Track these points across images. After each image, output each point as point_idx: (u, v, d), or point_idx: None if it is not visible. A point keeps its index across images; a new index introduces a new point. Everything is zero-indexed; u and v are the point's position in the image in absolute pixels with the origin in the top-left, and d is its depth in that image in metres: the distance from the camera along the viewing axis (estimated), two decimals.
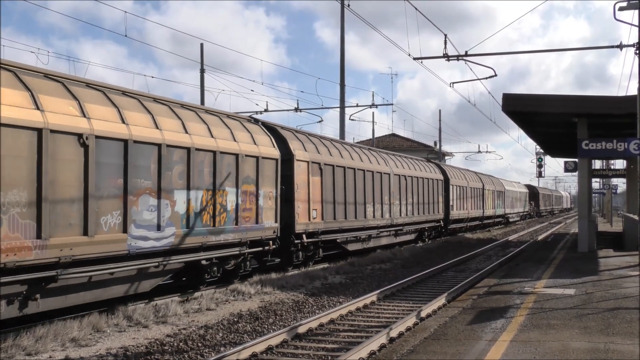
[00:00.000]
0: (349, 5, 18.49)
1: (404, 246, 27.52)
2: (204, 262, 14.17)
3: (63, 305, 10.95)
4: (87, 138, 10.91)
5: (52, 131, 10.30)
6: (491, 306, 11.19)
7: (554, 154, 42.84)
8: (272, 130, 18.35)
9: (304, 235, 18.78)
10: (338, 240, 21.43)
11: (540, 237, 36.83)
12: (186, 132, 13.56)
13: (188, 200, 13.47)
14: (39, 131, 10.09)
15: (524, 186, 74.42)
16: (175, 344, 9.55)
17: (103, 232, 11.30)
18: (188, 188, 13.47)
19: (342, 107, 31.16)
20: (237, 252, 15.46)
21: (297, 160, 18.56)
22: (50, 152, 10.27)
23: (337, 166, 21.19)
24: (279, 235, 17.28)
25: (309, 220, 19.10)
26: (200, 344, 9.60)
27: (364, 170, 23.43)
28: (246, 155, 15.62)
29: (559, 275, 15.29)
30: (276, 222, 17.14)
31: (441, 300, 12.98)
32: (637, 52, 17.49)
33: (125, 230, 11.75)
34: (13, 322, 10.52)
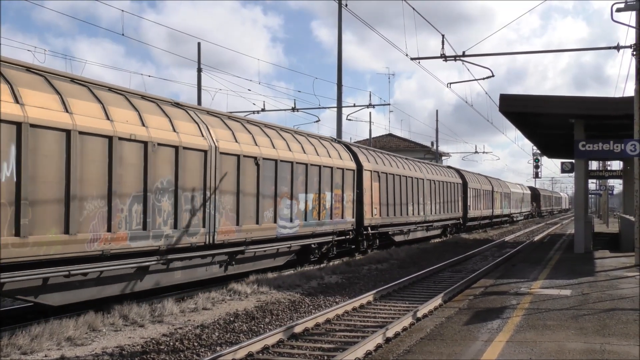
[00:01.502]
0: (346, 5, 18.47)
1: (431, 240, 33.32)
2: (313, 245, 19.81)
3: (240, 270, 16.07)
4: (258, 159, 16.34)
5: (244, 156, 15.72)
6: (487, 307, 11.19)
7: (551, 154, 42.89)
8: (347, 146, 23.87)
9: (369, 228, 23.94)
10: (389, 233, 26.77)
11: (536, 238, 36.89)
12: (304, 152, 19.02)
13: (306, 201, 18.93)
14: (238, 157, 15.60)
15: (527, 188, 78.92)
16: (171, 344, 9.54)
17: (264, 222, 16.59)
18: (306, 192, 18.96)
19: (339, 107, 31.16)
20: (331, 239, 21.00)
21: (365, 170, 23.60)
22: (241, 169, 15.53)
23: (389, 174, 26.35)
24: (354, 227, 22.60)
25: (372, 216, 24.16)
26: (196, 344, 9.59)
27: (406, 177, 28.74)
28: (337, 168, 21.12)
29: (556, 276, 15.31)
30: (353, 217, 22.55)
31: (437, 301, 12.99)
32: (634, 53, 17.52)
33: (275, 221, 17.14)
34: (9, 321, 10.50)
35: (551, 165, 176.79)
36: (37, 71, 11.00)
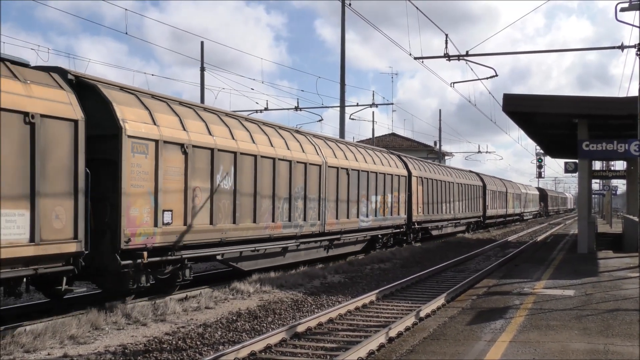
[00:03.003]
0: (350, 4, 18.47)
1: (457, 234, 37.88)
2: (379, 235, 25.13)
3: (335, 253, 21.18)
4: (349, 170, 21.68)
5: (341, 168, 21.26)
6: (490, 307, 11.18)
7: (554, 154, 42.79)
8: (399, 156, 29.23)
9: (415, 223, 29.17)
10: (429, 227, 31.61)
11: (539, 238, 36.82)
12: (374, 163, 24.39)
13: (375, 201, 24.14)
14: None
15: (536, 189, 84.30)
16: (174, 342, 9.54)
17: (352, 217, 21.92)
18: (376, 194, 24.17)
19: (342, 106, 31.15)
20: (390, 231, 26.38)
21: (413, 176, 28.96)
22: (339, 178, 20.95)
23: (429, 179, 31.40)
24: (406, 223, 27.84)
25: (417, 214, 29.39)
26: (199, 342, 9.59)
27: (441, 181, 33.62)
28: (395, 175, 26.44)
29: (559, 276, 15.28)
30: (405, 214, 27.75)
31: (440, 301, 12.96)
32: (638, 53, 17.46)
33: (357, 216, 22.39)
34: (12, 319, 10.52)
35: (554, 165, 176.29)
36: (160, 98, 13.89)
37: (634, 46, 17.83)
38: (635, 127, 16.93)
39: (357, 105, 35.69)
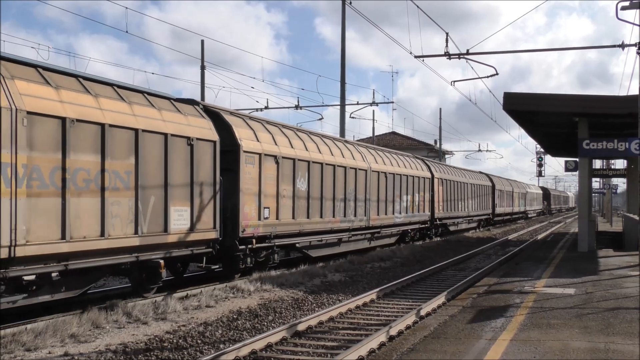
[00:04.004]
0: (350, 3, 18.46)
1: (470, 231, 41.84)
2: (409, 230, 28.93)
3: (375, 244, 24.89)
4: (387, 174, 25.61)
5: (381, 172, 25.27)
6: (491, 305, 11.18)
7: (555, 153, 42.79)
8: (423, 161, 33.06)
9: (437, 220, 32.80)
10: (447, 223, 35.42)
11: (539, 237, 36.82)
12: (405, 167, 28.22)
13: (406, 200, 27.89)
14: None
15: (539, 188, 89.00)
16: (175, 341, 9.54)
17: (389, 213, 25.79)
18: (407, 194, 27.94)
19: (343, 105, 31.14)
20: (418, 227, 30.07)
21: (435, 178, 32.57)
22: (380, 180, 24.79)
23: (448, 180, 35.35)
24: (429, 219, 31.50)
25: (438, 212, 33.04)
26: (199, 341, 9.59)
27: (457, 182, 37.45)
28: (421, 177, 30.11)
29: (559, 275, 15.28)
30: (428, 211, 31.37)
31: (441, 299, 12.96)
32: (639, 51, 17.45)
33: (393, 213, 26.13)
34: (13, 318, 10.52)
35: (555, 164, 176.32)
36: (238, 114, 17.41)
37: (635, 44, 17.82)
38: (635, 125, 16.91)
39: (358, 104, 35.71)
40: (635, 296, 11.90)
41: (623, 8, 17.03)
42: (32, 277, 10.30)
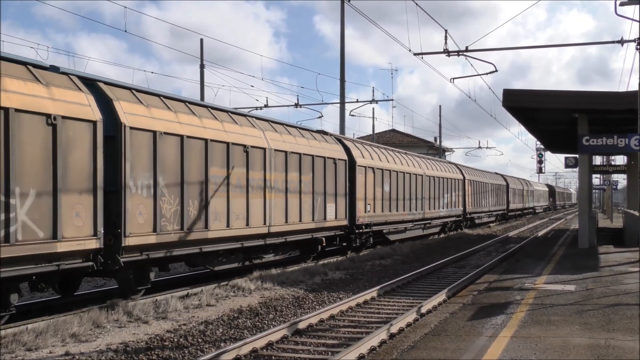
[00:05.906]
0: (349, 1, 18.44)
1: (490, 224, 48.46)
2: (448, 222, 35.84)
3: (426, 232, 32.13)
4: (432, 178, 32.49)
5: (430, 175, 32.89)
6: (491, 302, 11.18)
7: (555, 149, 42.79)
8: (455, 164, 40.44)
9: (467, 214, 40.06)
10: (474, 217, 42.82)
11: (540, 234, 36.82)
12: (445, 171, 34.71)
13: (447, 197, 34.17)
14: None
15: (545, 185, 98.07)
16: (176, 340, 9.55)
17: (436, 208, 32.63)
18: (447, 193, 34.39)
19: (342, 103, 31.13)
20: (453, 219, 36.85)
21: (466, 179, 39.75)
22: (430, 183, 32.51)
23: (476, 181, 42.74)
24: (462, 214, 38.69)
25: (469, 207, 40.08)
26: (200, 340, 9.59)
27: (481, 182, 44.67)
28: (456, 179, 37.23)
29: (560, 272, 15.28)
30: (461, 207, 38.55)
31: (441, 296, 12.97)
32: (638, 47, 17.44)
33: (439, 208, 33.02)
34: (14, 317, 10.53)
35: (555, 160, 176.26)
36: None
37: (634, 40, 17.81)
38: (635, 121, 16.92)
39: (357, 101, 35.70)
40: (635, 292, 11.90)
41: (622, 4, 17.05)
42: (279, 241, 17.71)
